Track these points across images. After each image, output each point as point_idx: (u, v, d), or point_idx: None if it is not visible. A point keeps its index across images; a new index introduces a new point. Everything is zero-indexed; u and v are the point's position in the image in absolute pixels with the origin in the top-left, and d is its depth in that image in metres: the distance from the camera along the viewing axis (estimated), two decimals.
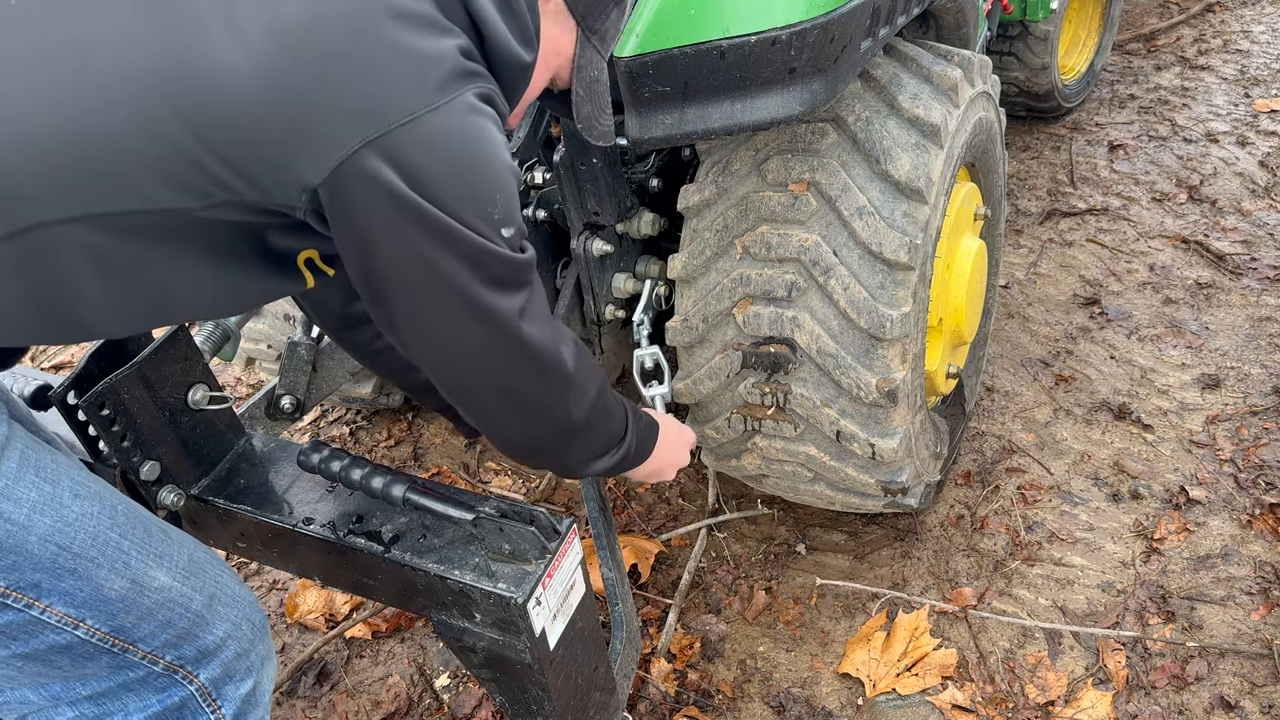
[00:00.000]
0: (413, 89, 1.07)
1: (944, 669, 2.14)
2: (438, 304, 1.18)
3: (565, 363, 1.31)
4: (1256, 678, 2.07)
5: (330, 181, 1.07)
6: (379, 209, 1.09)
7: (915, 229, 1.78)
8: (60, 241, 1.09)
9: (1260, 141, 4.03)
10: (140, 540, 1.26)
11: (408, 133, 1.06)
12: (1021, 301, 3.29)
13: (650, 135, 1.64)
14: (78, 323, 1.18)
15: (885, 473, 1.99)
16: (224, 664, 1.35)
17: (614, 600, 1.84)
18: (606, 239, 2.03)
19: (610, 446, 1.49)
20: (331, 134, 1.05)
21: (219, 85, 1.04)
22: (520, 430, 1.37)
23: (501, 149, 1.17)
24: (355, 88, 1.06)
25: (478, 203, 1.14)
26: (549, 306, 1.34)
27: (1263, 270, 3.29)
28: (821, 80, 1.60)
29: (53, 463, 1.21)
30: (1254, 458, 2.59)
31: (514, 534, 1.36)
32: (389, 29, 1.07)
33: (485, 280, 1.17)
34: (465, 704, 2.18)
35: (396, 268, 1.14)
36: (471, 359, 1.25)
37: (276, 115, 1.05)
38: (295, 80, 1.04)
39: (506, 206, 1.17)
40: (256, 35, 1.04)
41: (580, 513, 2.65)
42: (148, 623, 1.26)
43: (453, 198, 1.11)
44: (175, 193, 1.09)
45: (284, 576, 2.57)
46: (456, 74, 1.10)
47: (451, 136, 1.10)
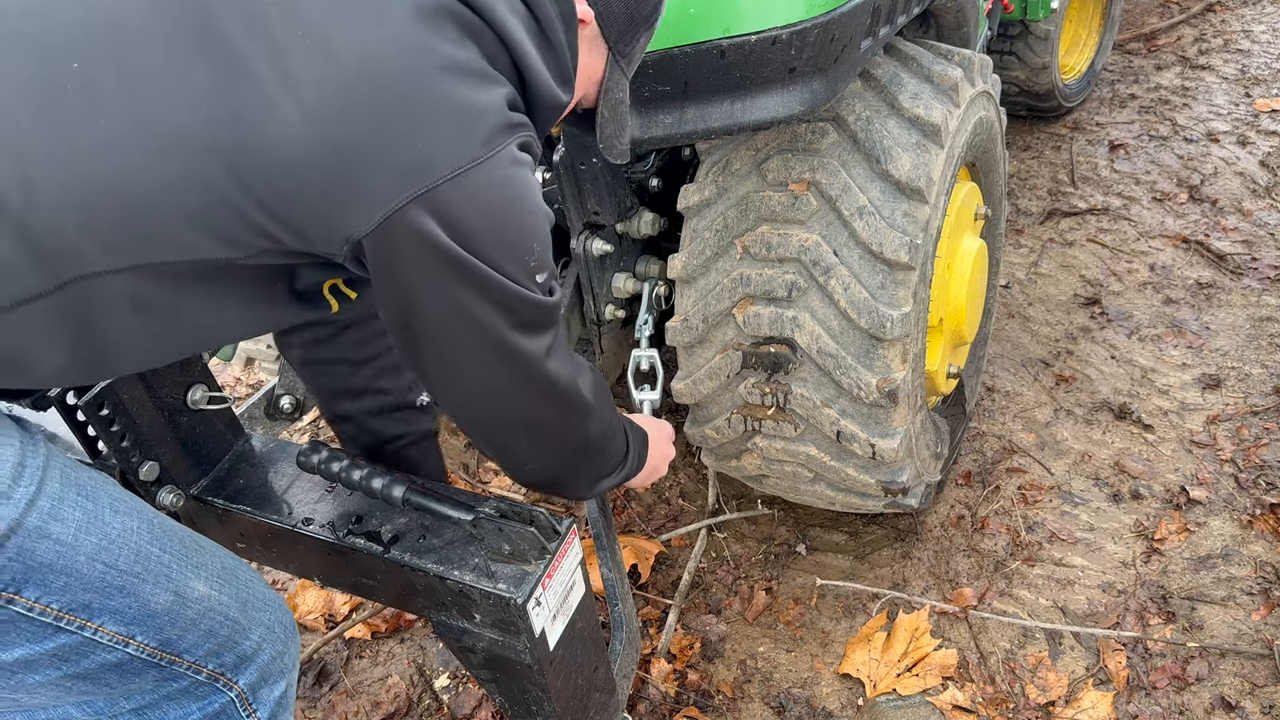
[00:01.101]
0: (459, 143, 1.08)
1: (944, 669, 2.14)
2: (470, 348, 1.20)
3: (584, 393, 1.34)
4: (1257, 678, 2.07)
5: (376, 234, 1.08)
6: (424, 262, 1.10)
7: (916, 229, 1.78)
8: (104, 290, 1.09)
9: (1261, 141, 4.03)
10: (178, 552, 1.26)
11: (454, 187, 1.07)
12: (1022, 301, 3.29)
13: (650, 135, 1.63)
14: (107, 363, 1.19)
15: (885, 473, 1.99)
16: (260, 668, 1.36)
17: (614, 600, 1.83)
18: (606, 239, 2.02)
19: (616, 465, 1.53)
20: (379, 188, 1.06)
21: (271, 140, 1.04)
22: (539, 459, 1.39)
23: (539, 198, 1.19)
24: (404, 142, 1.06)
25: (516, 252, 1.16)
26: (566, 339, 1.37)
27: (1263, 270, 3.29)
28: (822, 80, 1.59)
29: (89, 479, 1.21)
30: (1254, 458, 2.59)
31: (514, 534, 1.36)
32: (438, 82, 1.07)
33: (517, 325, 1.20)
34: (465, 704, 2.18)
35: (434, 315, 1.16)
36: (498, 397, 1.27)
37: (326, 169, 1.05)
38: (346, 135, 1.05)
39: (542, 254, 1.20)
40: (309, 89, 1.04)
41: (580, 513, 2.65)
42: (192, 633, 1.26)
43: (493, 249, 1.13)
44: (220, 244, 1.10)
45: (284, 576, 2.57)
46: (502, 127, 1.11)
47: (495, 190, 1.11)
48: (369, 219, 1.07)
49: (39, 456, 1.14)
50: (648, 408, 2.01)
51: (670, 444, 1.79)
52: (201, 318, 1.21)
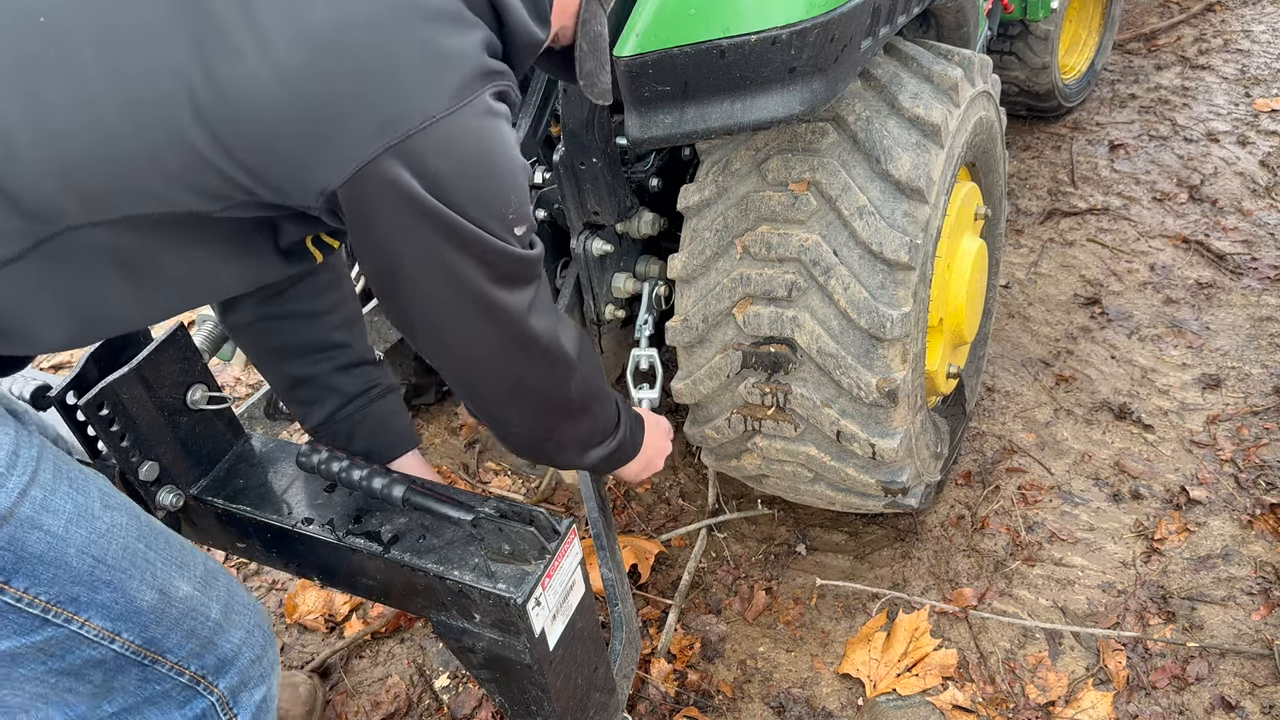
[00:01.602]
0: (432, 93, 1.08)
1: (944, 669, 2.14)
2: (451, 301, 1.20)
3: (567, 349, 1.34)
4: (1257, 678, 2.07)
5: (349, 186, 1.08)
6: (398, 213, 1.10)
7: (916, 229, 1.78)
8: (85, 244, 1.10)
9: (1261, 141, 4.03)
10: (163, 551, 1.27)
11: (426, 137, 1.07)
12: (1022, 301, 3.29)
13: (650, 135, 1.63)
14: (100, 320, 1.20)
15: (885, 473, 1.99)
16: (240, 671, 1.36)
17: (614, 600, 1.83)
18: (606, 239, 2.02)
19: (607, 433, 1.52)
20: (352, 141, 1.06)
21: (244, 96, 1.05)
22: (525, 420, 1.39)
23: (514, 148, 1.18)
24: (375, 94, 1.06)
25: (493, 205, 1.15)
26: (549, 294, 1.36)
27: (1263, 270, 3.29)
28: (822, 80, 1.59)
29: (80, 474, 1.21)
30: (1255, 458, 2.59)
31: (514, 534, 1.36)
32: (410, 30, 1.07)
33: (497, 279, 1.19)
34: (465, 704, 2.18)
35: (413, 268, 1.16)
36: (480, 350, 1.27)
37: (299, 123, 1.06)
38: (319, 89, 1.05)
39: (519, 205, 1.19)
40: (282, 46, 1.04)
41: (580, 513, 2.65)
42: (175, 633, 1.27)
43: (469, 201, 1.13)
44: (197, 198, 1.10)
45: (284, 576, 2.57)
46: (476, 74, 1.11)
47: (469, 140, 1.11)
48: (342, 171, 1.07)
49: (33, 448, 1.15)
50: (647, 407, 2.01)
51: (668, 440, 1.79)
52: (187, 272, 1.21)
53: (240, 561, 2.62)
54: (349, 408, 1.64)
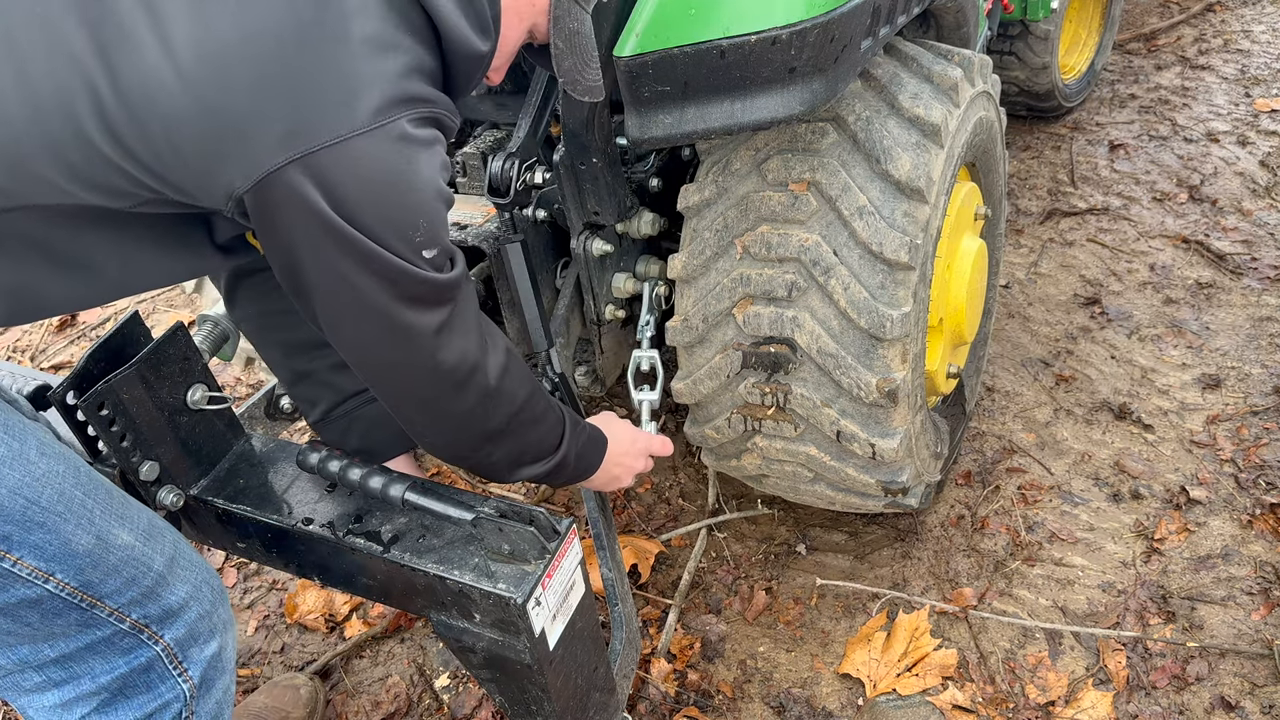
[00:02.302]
0: (343, 112, 1.08)
1: (944, 669, 2.14)
2: (354, 315, 1.20)
3: (486, 374, 1.32)
4: (1257, 678, 2.07)
5: (254, 192, 1.09)
6: (301, 224, 1.11)
7: (915, 229, 1.78)
8: (4, 230, 1.13)
9: (1261, 141, 4.03)
10: (103, 500, 1.29)
11: (333, 154, 1.07)
12: (1022, 301, 3.29)
13: (650, 135, 1.63)
14: (31, 304, 1.23)
15: (885, 473, 1.99)
16: (188, 625, 1.38)
17: (614, 600, 1.84)
18: (606, 239, 2.02)
19: (541, 455, 1.49)
20: (256, 151, 1.07)
21: (146, 96, 1.05)
22: (437, 436, 1.39)
23: (430, 175, 1.17)
24: (284, 109, 1.06)
25: (398, 226, 1.15)
26: (476, 318, 1.33)
27: (1263, 270, 3.29)
28: (821, 80, 1.59)
29: (19, 423, 1.24)
30: (1254, 458, 2.59)
31: (513, 534, 1.36)
32: (327, 50, 1.07)
33: (401, 297, 1.19)
34: (465, 704, 2.18)
35: (316, 277, 1.17)
36: (388, 368, 1.27)
37: (204, 132, 1.06)
38: (224, 100, 1.06)
39: (429, 230, 1.18)
40: (186, 52, 1.04)
41: (580, 513, 2.65)
42: (113, 579, 1.28)
43: (372, 219, 1.12)
44: (102, 195, 1.12)
45: (284, 576, 2.57)
46: (393, 100, 1.11)
47: (377, 162, 1.11)
48: (248, 178, 1.08)
49: None
50: (646, 408, 2.01)
51: (642, 459, 1.75)
52: (118, 262, 1.23)
53: (240, 561, 2.62)
54: (344, 405, 1.65)
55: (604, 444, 1.63)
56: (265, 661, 2.37)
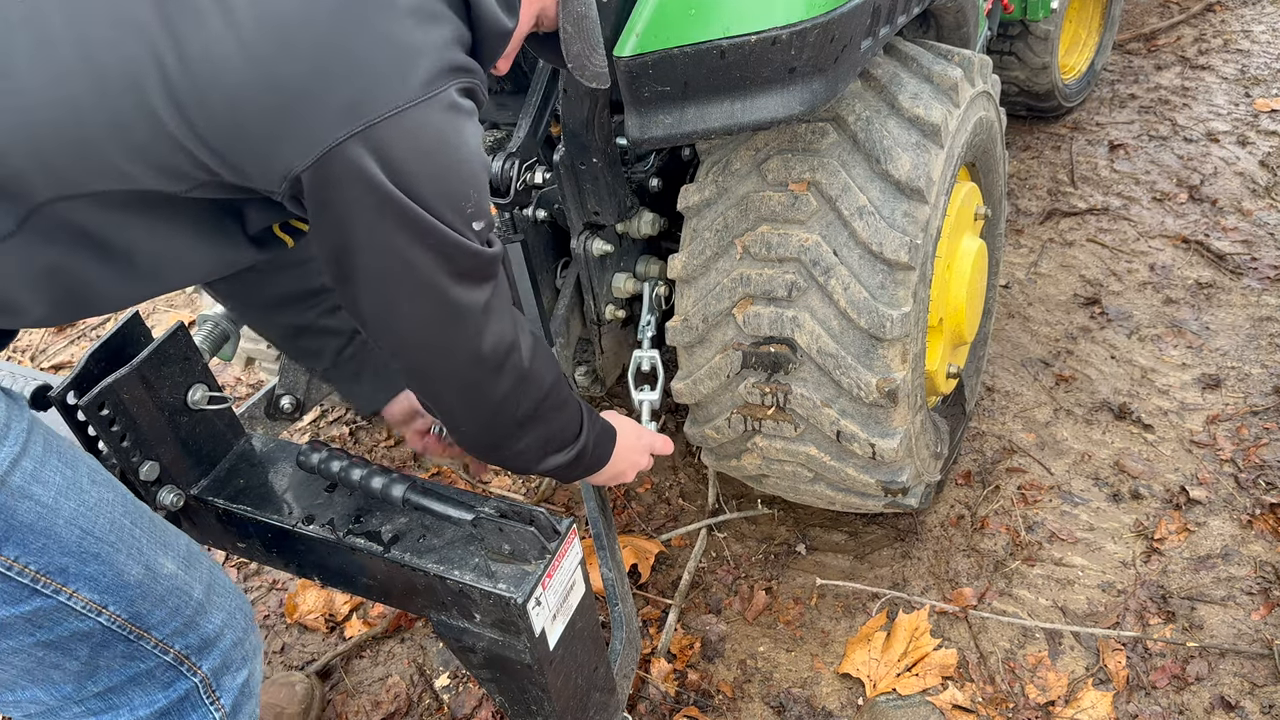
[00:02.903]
0: (399, 82, 1.08)
1: (944, 669, 2.14)
2: (405, 293, 1.20)
3: (522, 356, 1.33)
4: (1257, 678, 2.07)
5: (314, 169, 1.08)
6: (359, 198, 1.11)
7: (915, 229, 1.78)
8: (58, 221, 1.11)
9: (1261, 141, 4.03)
10: (149, 529, 1.28)
11: (391, 125, 1.08)
12: (1022, 301, 3.29)
13: (650, 135, 1.64)
14: (77, 300, 1.21)
15: (885, 473, 1.99)
16: (223, 653, 1.37)
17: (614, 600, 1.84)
18: (606, 239, 2.03)
19: (565, 443, 1.49)
20: (319, 124, 1.07)
21: (213, 74, 1.05)
22: (473, 423, 1.38)
23: (477, 145, 1.19)
24: (344, 79, 1.07)
25: (452, 198, 1.16)
26: (511, 299, 1.35)
27: (1263, 270, 3.29)
28: (821, 80, 1.59)
29: (70, 449, 1.23)
30: (1254, 458, 2.59)
31: (514, 534, 1.36)
32: (379, 19, 1.08)
33: (453, 273, 1.20)
34: (465, 704, 2.18)
35: (369, 255, 1.16)
36: (432, 347, 1.27)
37: (267, 104, 1.06)
38: (287, 70, 1.06)
39: (479, 201, 1.20)
40: (249, 24, 1.04)
41: (580, 513, 2.65)
42: (160, 609, 1.27)
43: (429, 191, 1.13)
44: (161, 177, 1.11)
45: (284, 576, 2.57)
46: (443, 69, 1.12)
47: (432, 131, 1.12)
48: (307, 155, 1.07)
49: (24, 420, 1.17)
50: (646, 408, 2.01)
51: (645, 455, 1.75)
52: (159, 254, 1.22)
53: (240, 561, 2.62)
54: (350, 348, 1.67)
55: (614, 435, 1.64)
56: (265, 661, 2.37)
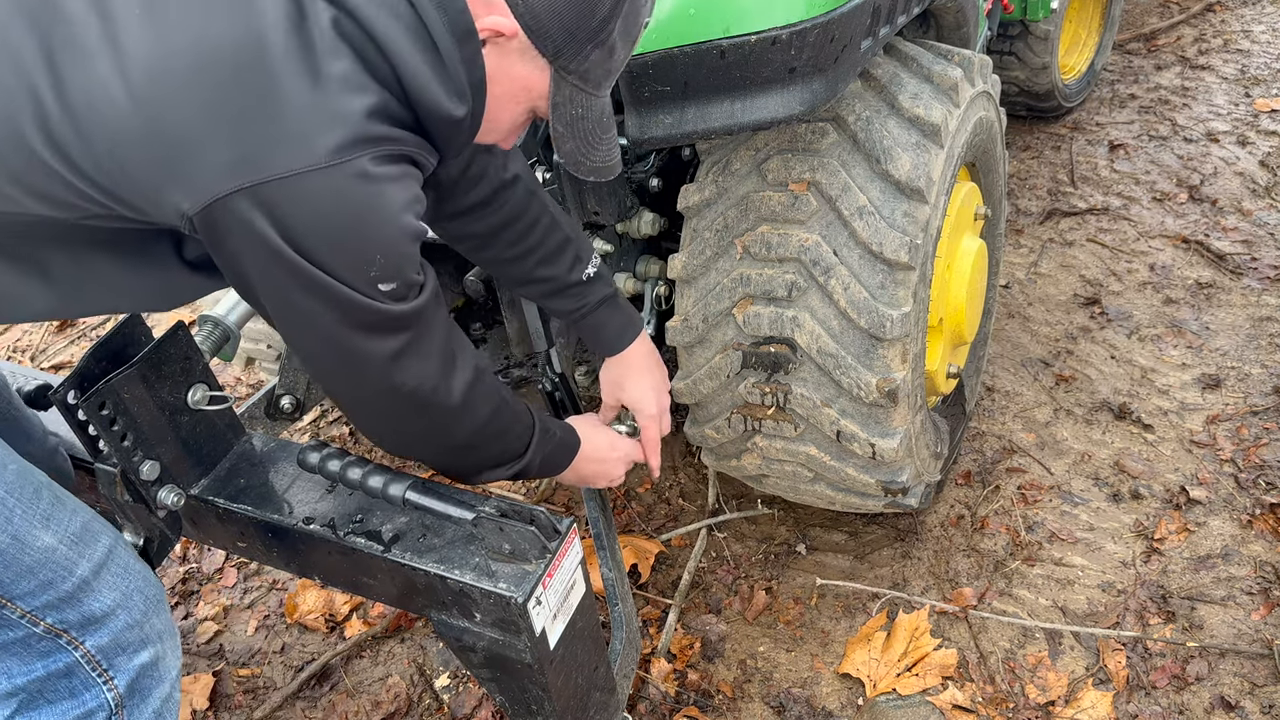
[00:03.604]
0: (299, 146, 1.05)
1: (944, 669, 2.14)
2: (307, 339, 1.20)
3: (449, 395, 1.30)
4: (1257, 678, 2.07)
5: (202, 215, 1.07)
6: (249, 250, 1.09)
7: (915, 229, 1.78)
8: None
9: (1261, 141, 4.03)
10: (29, 501, 1.27)
11: (285, 187, 1.05)
12: (1022, 301, 3.29)
13: (650, 135, 1.64)
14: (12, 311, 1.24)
15: (885, 473, 1.99)
16: (113, 633, 1.36)
17: (614, 600, 1.84)
18: (606, 239, 2.03)
19: (504, 461, 1.47)
20: (204, 177, 1.05)
21: (95, 118, 1.03)
22: (400, 447, 1.39)
23: (395, 211, 1.14)
24: (237, 134, 1.04)
25: (352, 260, 1.12)
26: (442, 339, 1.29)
27: (1263, 270, 3.29)
28: (821, 80, 1.59)
29: None
30: (1254, 458, 2.59)
31: (514, 534, 1.36)
32: (292, 83, 1.05)
33: (352, 325, 1.17)
34: (465, 704, 2.18)
35: (266, 297, 1.16)
36: (340, 385, 1.27)
37: (151, 150, 1.05)
38: (174, 116, 1.04)
39: (387, 264, 1.15)
40: (138, 65, 1.02)
41: (580, 513, 2.65)
42: (27, 580, 1.27)
43: (324, 252, 1.10)
44: (45, 205, 1.10)
45: (284, 576, 2.57)
46: (354, 139, 1.08)
47: (331, 199, 1.08)
48: (195, 202, 1.06)
49: None
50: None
51: (619, 465, 1.73)
52: (81, 277, 1.22)
53: (240, 561, 2.63)
54: (568, 321, 1.76)
55: (574, 449, 1.62)
56: (265, 661, 2.37)
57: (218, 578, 2.61)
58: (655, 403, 1.80)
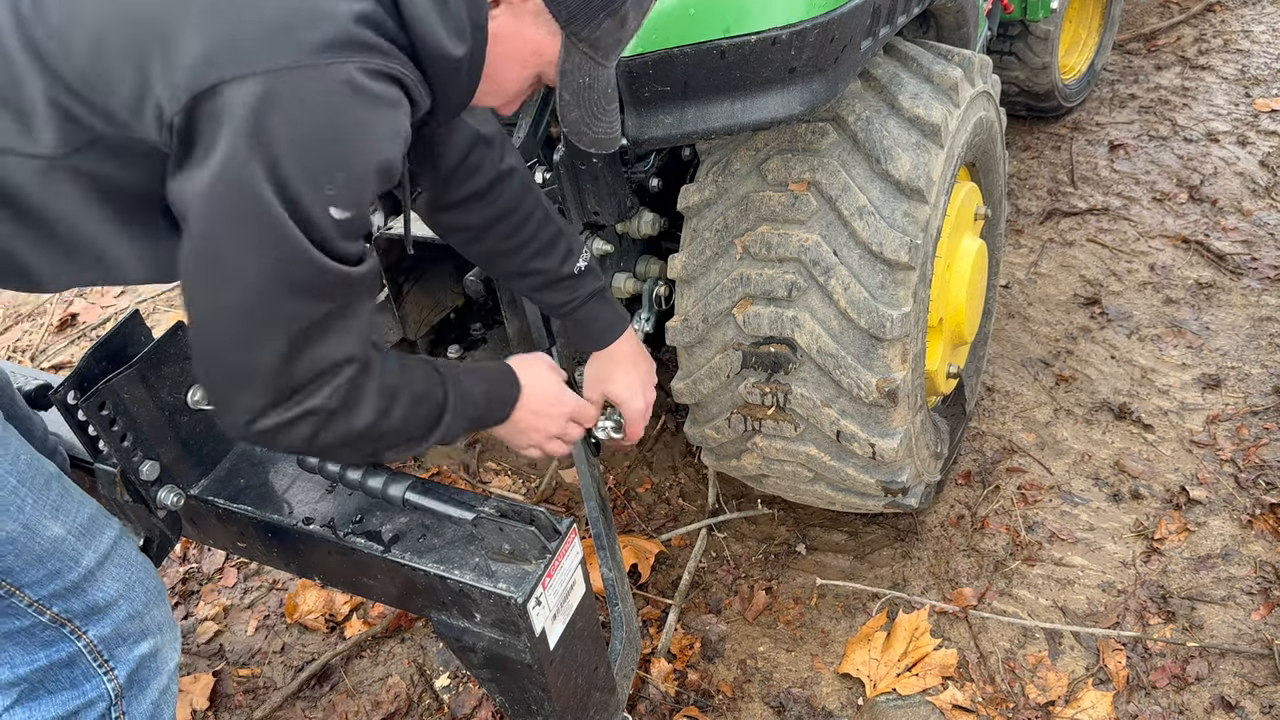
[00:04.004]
0: (282, 40, 1.01)
1: (944, 669, 2.14)
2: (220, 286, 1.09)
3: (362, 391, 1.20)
4: (1257, 678, 2.07)
5: (183, 116, 1.03)
6: (211, 158, 1.02)
7: (915, 229, 1.78)
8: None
9: (1261, 141, 4.03)
10: (40, 491, 1.28)
11: (264, 81, 1.01)
12: (1022, 301, 3.29)
13: (650, 135, 1.64)
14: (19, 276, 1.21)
15: (885, 473, 1.99)
16: (115, 624, 1.37)
17: (614, 600, 1.84)
18: (606, 239, 2.03)
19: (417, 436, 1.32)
20: (184, 68, 1.01)
21: (71, 15, 1.01)
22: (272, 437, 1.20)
23: (373, 134, 1.08)
24: (216, 25, 1.01)
25: (314, 165, 1.05)
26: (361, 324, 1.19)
27: (1263, 270, 3.29)
28: (821, 80, 1.59)
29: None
30: (1254, 458, 2.59)
31: (514, 534, 1.36)
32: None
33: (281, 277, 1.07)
34: (465, 704, 2.18)
35: (200, 226, 1.07)
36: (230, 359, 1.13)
37: (130, 46, 1.02)
38: (152, 10, 1.02)
39: (349, 189, 1.07)
40: None
41: (580, 513, 2.65)
42: (36, 569, 1.28)
43: (289, 155, 1.03)
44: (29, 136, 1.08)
45: (284, 576, 2.57)
46: (341, 40, 1.04)
47: (311, 101, 1.03)
48: (174, 101, 1.02)
49: None
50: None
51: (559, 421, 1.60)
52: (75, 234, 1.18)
53: (240, 561, 2.63)
54: (559, 314, 1.75)
55: (509, 401, 1.50)
56: (265, 661, 2.37)
57: (218, 578, 2.61)
58: (641, 397, 1.76)
